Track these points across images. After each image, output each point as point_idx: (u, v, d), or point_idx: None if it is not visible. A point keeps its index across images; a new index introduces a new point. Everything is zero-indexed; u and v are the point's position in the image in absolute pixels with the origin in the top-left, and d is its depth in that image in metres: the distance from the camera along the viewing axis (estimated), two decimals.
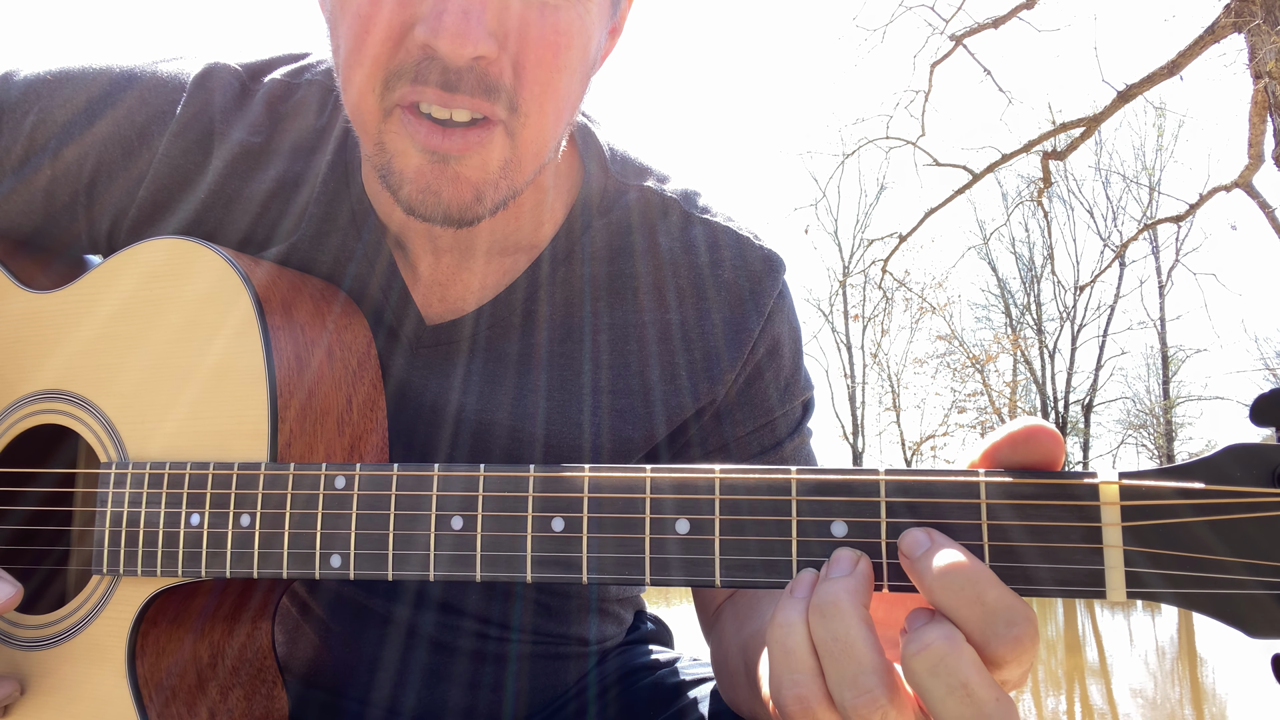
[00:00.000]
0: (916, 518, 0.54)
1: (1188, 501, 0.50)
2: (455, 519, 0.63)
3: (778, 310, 0.92)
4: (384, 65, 0.69)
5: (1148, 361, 23.97)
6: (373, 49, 0.69)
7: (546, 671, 1.03)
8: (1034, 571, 0.52)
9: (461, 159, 0.71)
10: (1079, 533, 0.51)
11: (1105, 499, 0.51)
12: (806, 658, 0.52)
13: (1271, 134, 8.74)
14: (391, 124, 0.71)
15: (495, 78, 0.69)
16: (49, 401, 0.80)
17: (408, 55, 0.68)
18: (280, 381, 0.73)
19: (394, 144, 0.72)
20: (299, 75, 0.92)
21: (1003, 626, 0.49)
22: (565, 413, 0.89)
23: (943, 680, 0.48)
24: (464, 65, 0.67)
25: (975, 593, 0.49)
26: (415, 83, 0.68)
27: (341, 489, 0.66)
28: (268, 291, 0.76)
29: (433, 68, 0.68)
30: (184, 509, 0.71)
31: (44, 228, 0.92)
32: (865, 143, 12.54)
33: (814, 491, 0.56)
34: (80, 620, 0.75)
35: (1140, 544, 0.50)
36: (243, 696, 0.78)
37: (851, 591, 0.52)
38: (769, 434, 0.93)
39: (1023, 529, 0.52)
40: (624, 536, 0.59)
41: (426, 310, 0.90)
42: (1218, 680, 6.01)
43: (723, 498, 0.58)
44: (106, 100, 0.88)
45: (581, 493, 0.60)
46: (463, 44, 0.65)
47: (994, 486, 0.53)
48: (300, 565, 0.67)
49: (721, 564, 0.57)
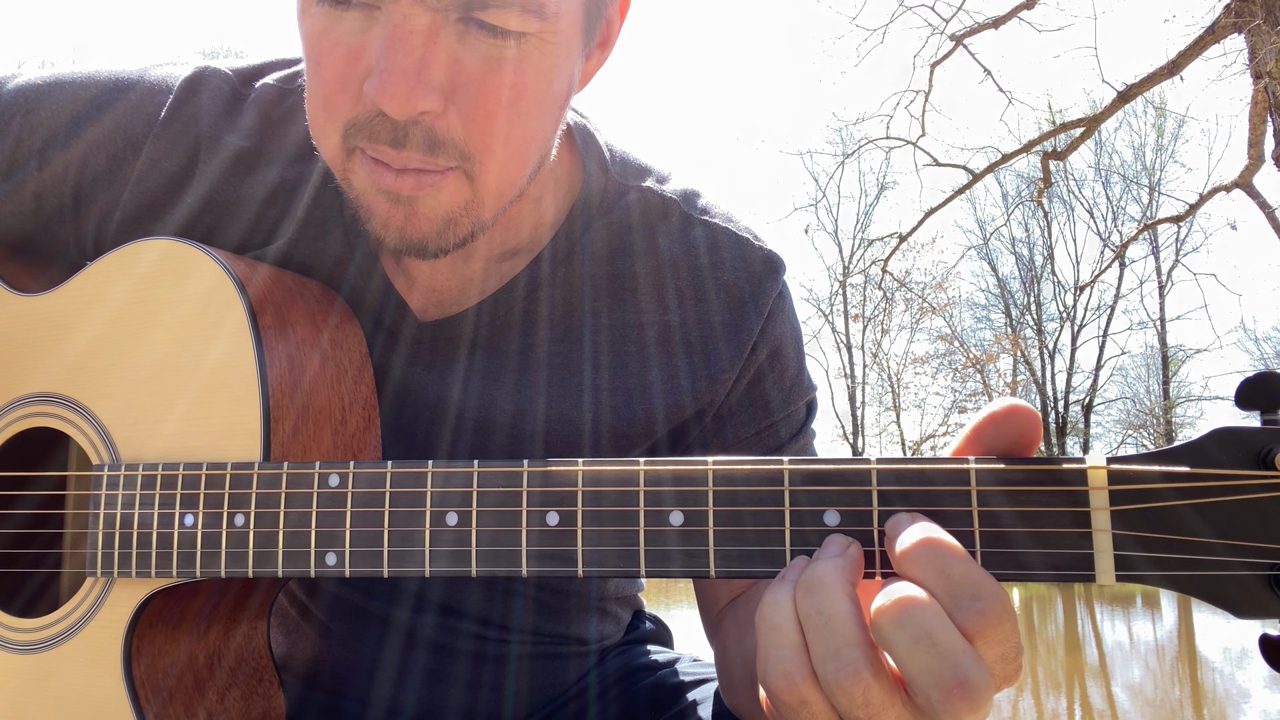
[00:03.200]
0: (908, 505, 0.55)
1: (1174, 485, 0.50)
2: (450, 515, 0.63)
3: (778, 310, 0.92)
4: (342, 116, 0.71)
5: (1148, 361, 23.99)
6: (331, 99, 0.70)
7: (546, 671, 1.03)
8: (1025, 556, 0.52)
9: (417, 199, 0.72)
10: (1068, 517, 0.52)
11: (1093, 484, 0.52)
12: (792, 633, 0.53)
13: (1271, 134, 8.75)
14: (353, 164, 0.73)
15: (442, 132, 0.70)
16: (39, 405, 0.80)
17: (362, 109, 0.70)
18: (273, 381, 0.73)
19: (357, 183, 0.74)
20: (292, 81, 0.92)
21: (967, 599, 0.49)
22: (564, 412, 0.89)
23: (908, 631, 0.48)
24: (409, 120, 0.68)
25: (940, 564, 0.50)
26: (369, 139, 0.70)
27: (336, 487, 0.66)
28: (259, 293, 0.76)
29: (383, 124, 0.69)
30: (177, 509, 0.71)
31: (34, 234, 0.92)
32: (865, 143, 12.57)
33: (806, 481, 0.56)
34: (75, 623, 0.75)
35: (1128, 527, 0.51)
36: (240, 697, 0.78)
37: (839, 569, 0.53)
38: (771, 436, 0.93)
39: (1013, 514, 0.53)
40: (618, 529, 0.59)
41: (422, 309, 0.90)
42: (1218, 680, 6.01)
43: (716, 489, 0.58)
44: (95, 106, 0.88)
45: (576, 486, 0.60)
46: (403, 104, 0.66)
47: (984, 473, 0.53)
48: (295, 564, 0.67)
49: (716, 554, 0.57)
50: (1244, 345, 21.65)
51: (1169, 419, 23.29)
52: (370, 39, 0.68)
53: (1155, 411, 23.80)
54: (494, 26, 0.68)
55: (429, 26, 0.67)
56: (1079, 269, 24.25)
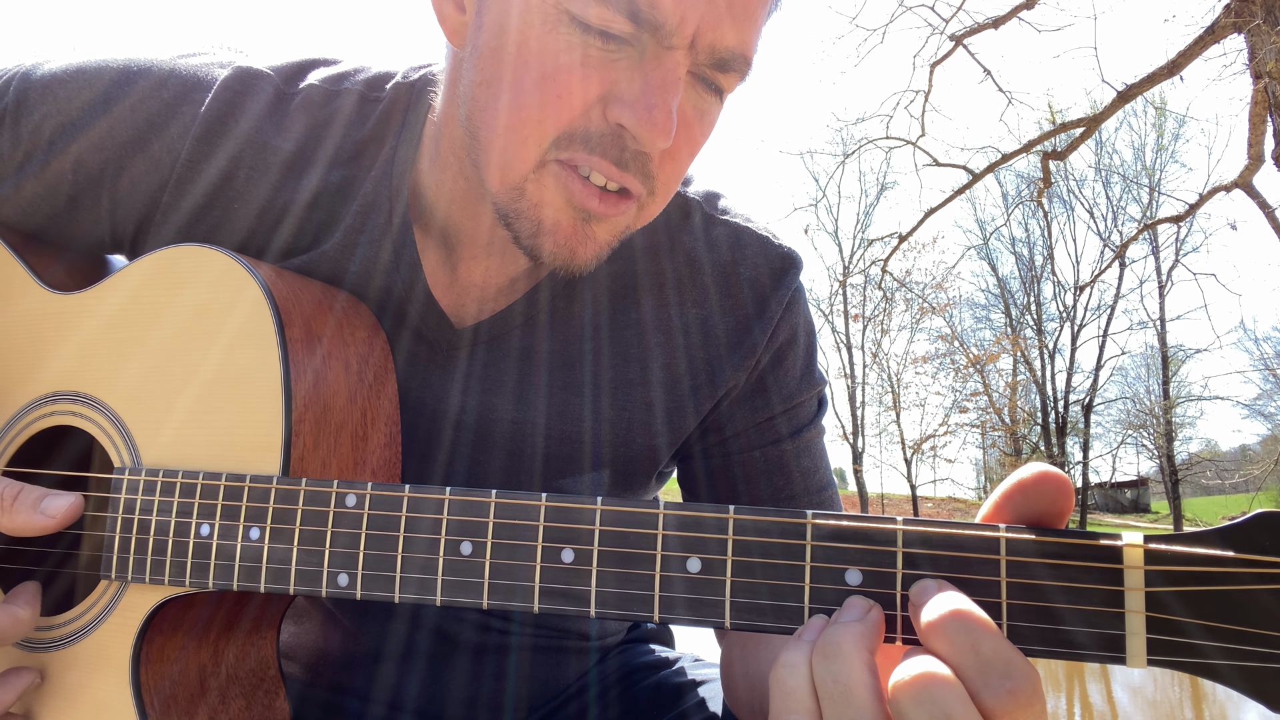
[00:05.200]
0: (934, 569, 0.53)
1: (1215, 569, 0.48)
2: (465, 544, 0.62)
3: (793, 304, 0.95)
4: (562, 124, 0.72)
5: (1148, 361, 23.98)
6: (555, 108, 0.72)
7: (547, 665, 1.04)
8: (1052, 633, 0.51)
9: (601, 221, 0.76)
10: (1101, 595, 0.50)
11: (1129, 562, 0.50)
12: (806, 699, 0.52)
13: (1271, 134, 8.74)
14: (544, 176, 0.75)
15: (654, 166, 0.75)
16: (64, 403, 0.81)
17: (592, 124, 0.72)
18: (297, 395, 0.73)
19: (540, 195, 0.75)
20: (338, 83, 0.91)
21: (997, 678, 0.47)
22: (568, 412, 0.90)
23: (926, 710, 0.47)
24: (642, 151, 0.73)
25: (970, 640, 0.48)
26: (589, 151, 0.73)
27: (352, 507, 0.66)
28: (288, 303, 0.76)
29: (614, 144, 0.73)
30: (194, 519, 0.71)
31: (63, 224, 0.91)
32: (865, 143, 12.56)
33: (829, 537, 0.55)
34: (86, 625, 0.75)
35: (1164, 610, 0.49)
36: (243, 706, 0.79)
37: (857, 635, 0.51)
38: (771, 429, 0.95)
39: (1043, 589, 0.51)
40: (633, 572, 0.59)
41: (453, 313, 0.90)
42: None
43: (735, 538, 0.57)
44: (122, 94, 0.86)
45: (593, 525, 0.60)
46: (663, 140, 0.71)
47: (1016, 542, 0.52)
48: (307, 582, 0.67)
49: (732, 606, 0.56)
50: (1244, 345, 21.67)
51: (1169, 419, 23.28)
52: (620, 71, 0.71)
53: (1155, 411, 23.79)
54: (720, 88, 0.76)
55: (686, 76, 0.73)
56: (1079, 269, 24.25)
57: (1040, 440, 24.37)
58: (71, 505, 0.74)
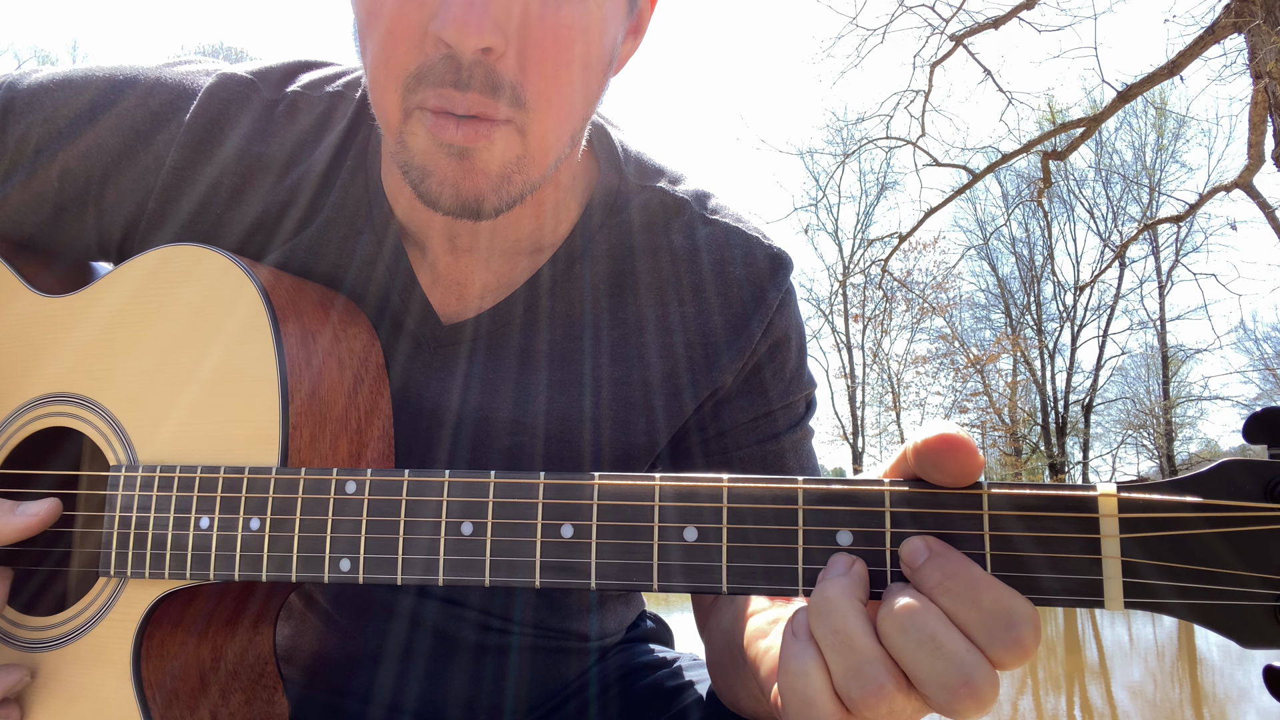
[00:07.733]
0: (920, 527, 0.55)
1: (1184, 514, 0.51)
2: (465, 524, 0.64)
3: (784, 304, 0.95)
4: (405, 68, 0.71)
5: (1148, 361, 23.98)
6: (392, 51, 0.71)
7: (547, 665, 1.04)
8: (1035, 580, 0.53)
9: (476, 151, 0.73)
10: (1079, 543, 0.53)
11: (1104, 511, 0.52)
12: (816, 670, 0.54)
13: (1271, 134, 8.75)
14: (411, 124, 0.73)
15: (500, 74, 0.71)
16: (58, 404, 0.81)
17: (425, 58, 0.70)
18: (293, 389, 0.74)
19: (414, 142, 0.74)
20: (318, 87, 0.92)
21: (1001, 629, 0.50)
22: (566, 410, 0.90)
23: (911, 636, 0.50)
24: (472, 60, 0.69)
25: (972, 596, 0.51)
26: (433, 84, 0.71)
27: (352, 494, 0.67)
28: (281, 299, 0.77)
29: (448, 67, 0.70)
30: (193, 512, 0.71)
31: (50, 232, 0.92)
32: (865, 143, 12.57)
33: (820, 501, 0.57)
34: (86, 622, 0.76)
35: (1137, 555, 0.52)
36: (243, 701, 0.79)
37: (844, 587, 0.54)
38: (769, 425, 0.95)
39: (1024, 539, 0.54)
40: (632, 543, 0.60)
41: (443, 310, 0.91)
42: (1217, 681, 6.02)
43: (730, 506, 0.59)
44: (108, 104, 0.88)
45: (591, 500, 0.61)
46: (468, 32, 0.67)
47: (998, 497, 0.54)
48: (310, 569, 0.68)
49: (729, 570, 0.58)
50: (1244, 345, 21.66)
51: (1169, 419, 23.28)
52: None
53: (1155, 411, 23.80)
54: None
55: None
56: (1079, 269, 24.26)
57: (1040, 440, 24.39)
58: (50, 503, 0.75)
